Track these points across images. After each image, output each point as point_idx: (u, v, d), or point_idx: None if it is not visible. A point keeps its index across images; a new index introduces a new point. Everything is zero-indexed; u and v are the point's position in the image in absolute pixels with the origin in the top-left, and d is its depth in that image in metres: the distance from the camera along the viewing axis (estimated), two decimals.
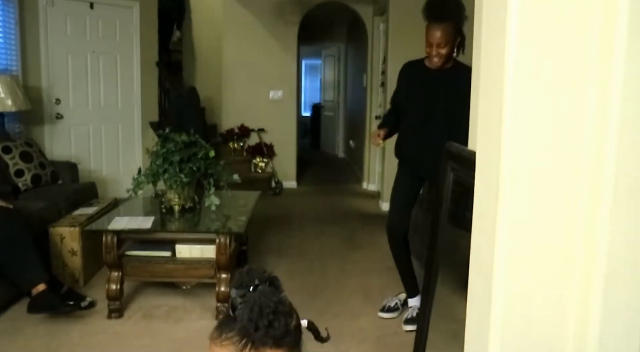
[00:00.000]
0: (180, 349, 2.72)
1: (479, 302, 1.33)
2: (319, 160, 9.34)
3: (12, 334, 2.88)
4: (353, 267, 3.85)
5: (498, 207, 1.21)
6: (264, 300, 0.97)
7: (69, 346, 2.76)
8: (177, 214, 3.32)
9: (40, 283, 2.95)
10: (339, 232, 4.87)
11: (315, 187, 6.98)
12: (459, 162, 1.90)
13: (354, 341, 2.79)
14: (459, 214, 2.40)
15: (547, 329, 1.24)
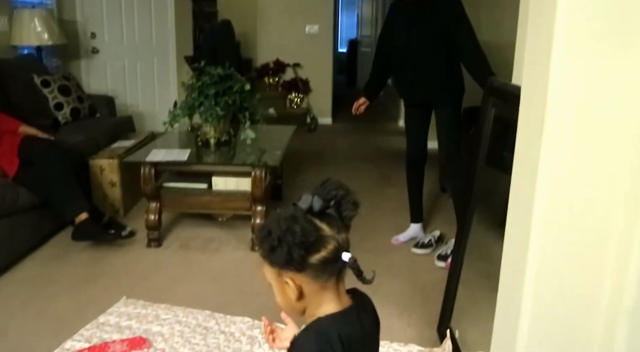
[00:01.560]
0: (216, 278, 2.80)
1: (516, 243, 1.32)
2: (354, 98, 9.20)
3: (59, 260, 3.02)
4: (387, 204, 3.85)
5: (542, 142, 1.18)
6: (275, 225, 0.98)
7: (112, 272, 2.88)
8: (212, 147, 3.35)
9: (83, 212, 3.05)
10: (374, 170, 4.86)
11: (351, 124, 6.93)
12: (502, 98, 1.84)
13: (387, 276, 2.83)
14: (497, 154, 2.36)
15: (585, 269, 1.23)
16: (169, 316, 2.40)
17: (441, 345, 2.18)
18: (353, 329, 1.03)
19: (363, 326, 1.06)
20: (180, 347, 2.16)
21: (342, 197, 1.02)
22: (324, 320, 1.02)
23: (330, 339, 0.99)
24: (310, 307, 1.05)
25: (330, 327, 1.01)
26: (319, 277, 1.00)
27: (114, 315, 2.42)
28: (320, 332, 1.01)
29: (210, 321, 2.36)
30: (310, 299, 1.03)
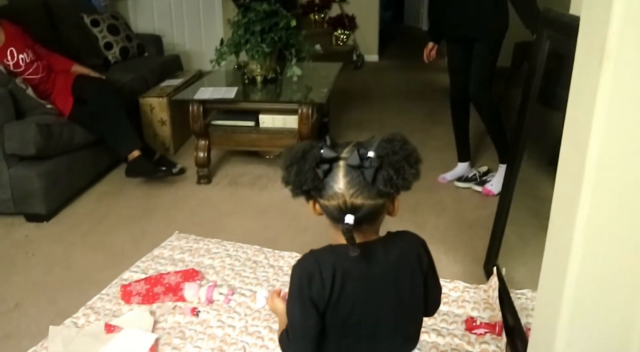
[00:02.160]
0: (265, 214, 2.86)
1: (568, 180, 1.29)
2: (401, 34, 8.97)
3: (114, 195, 3.14)
4: (434, 143, 3.80)
5: (601, 75, 1.12)
6: (287, 157, 1.02)
7: (164, 207, 2.98)
8: (259, 85, 3.35)
9: (135, 150, 3.13)
10: (421, 108, 4.78)
11: (398, 62, 6.77)
12: (558, 29, 1.75)
13: (433, 213, 2.83)
14: (550, 91, 2.27)
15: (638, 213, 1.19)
16: (220, 250, 2.48)
17: (487, 282, 2.19)
18: (353, 266, 0.99)
19: (369, 268, 1.00)
20: (231, 280, 2.24)
21: (379, 167, 0.94)
22: (330, 247, 1.03)
23: (321, 264, 0.98)
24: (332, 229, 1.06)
25: (329, 255, 1.01)
26: (328, 215, 1.01)
27: (167, 248, 2.52)
28: (317, 254, 1.02)
29: (260, 255, 2.43)
30: (328, 223, 1.05)
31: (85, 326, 1.99)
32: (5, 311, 2.14)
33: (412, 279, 1.05)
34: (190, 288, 2.10)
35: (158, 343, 1.88)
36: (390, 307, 1.03)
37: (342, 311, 0.99)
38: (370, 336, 1.03)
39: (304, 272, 0.99)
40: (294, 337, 1.02)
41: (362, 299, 1.00)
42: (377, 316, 1.02)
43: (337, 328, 1.01)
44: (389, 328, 1.04)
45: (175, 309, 2.06)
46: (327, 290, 0.96)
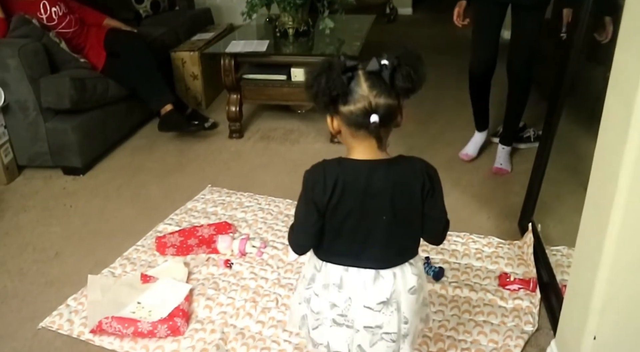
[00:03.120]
0: (296, 168, 2.86)
1: (612, 135, 1.23)
2: None
3: (148, 149, 3.17)
4: (467, 97, 3.70)
5: None
6: (314, 70, 1.08)
7: (197, 161, 3.00)
8: (291, 38, 3.29)
9: (168, 104, 3.14)
10: (455, 62, 4.63)
11: (432, 15, 6.57)
12: None
13: (466, 169, 2.79)
14: (592, 45, 2.16)
15: None
16: (252, 204, 2.50)
17: (522, 238, 2.16)
18: (356, 179, 1.11)
19: (372, 182, 1.11)
20: (264, 233, 2.26)
21: (397, 66, 1.06)
22: (339, 159, 1.14)
23: (326, 175, 1.10)
24: (346, 146, 1.16)
25: (336, 166, 1.12)
26: (350, 126, 1.09)
27: (200, 201, 2.55)
28: (325, 164, 1.13)
29: (292, 209, 2.42)
30: (343, 138, 1.15)
31: (122, 276, 2.04)
32: (46, 259, 2.21)
33: (410, 201, 1.14)
34: (224, 241, 2.12)
35: (192, 293, 1.92)
36: (382, 221, 1.14)
37: (339, 216, 1.12)
38: (361, 242, 1.15)
39: (311, 177, 1.13)
40: (297, 230, 1.19)
41: (357, 209, 1.12)
42: (369, 226, 1.14)
43: (333, 229, 1.14)
44: (380, 239, 1.15)
45: (209, 261, 2.09)
46: (327, 195, 1.10)
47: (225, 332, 1.73)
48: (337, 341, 1.22)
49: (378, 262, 1.17)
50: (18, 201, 2.67)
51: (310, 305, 1.23)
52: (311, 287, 1.22)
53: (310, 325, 1.25)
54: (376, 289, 1.16)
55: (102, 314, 1.76)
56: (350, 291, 1.17)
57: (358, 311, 1.18)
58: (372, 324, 1.19)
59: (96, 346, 1.74)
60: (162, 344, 1.71)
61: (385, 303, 1.17)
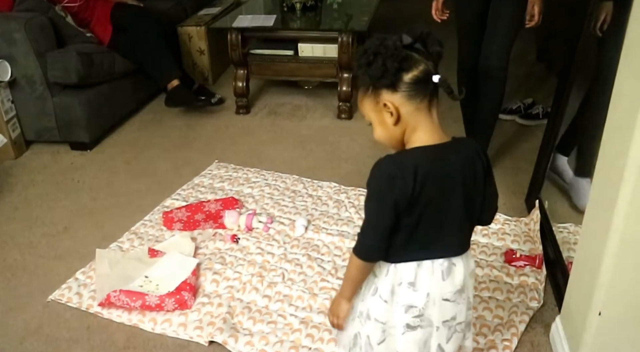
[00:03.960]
0: (304, 143, 2.85)
1: (624, 105, 1.22)
2: None
3: (155, 124, 3.16)
4: None
5: None
6: (370, 44, 1.04)
7: (204, 137, 2.99)
8: (298, 13, 3.26)
9: (174, 79, 3.13)
10: None
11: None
12: None
13: None
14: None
15: None
16: (259, 179, 2.50)
17: (529, 215, 2.15)
18: (433, 165, 1.05)
19: (446, 166, 1.06)
20: (270, 208, 2.27)
21: (427, 34, 1.06)
22: (407, 151, 1.08)
23: (403, 167, 1.03)
24: (406, 135, 1.09)
25: (409, 157, 1.06)
26: (413, 97, 1.04)
27: (207, 177, 2.55)
28: (396, 158, 1.06)
29: (298, 185, 2.44)
30: (406, 122, 1.07)
31: (130, 250, 2.06)
32: (55, 233, 2.22)
33: (475, 181, 1.10)
34: (230, 216, 2.13)
35: (199, 268, 1.93)
36: (456, 206, 1.09)
37: (418, 209, 1.05)
38: (436, 232, 1.09)
39: (386, 173, 1.04)
40: (371, 235, 1.09)
41: (436, 198, 1.06)
42: (444, 214, 1.08)
43: (409, 225, 1.07)
44: (454, 225, 1.10)
45: (216, 236, 2.10)
46: (409, 190, 1.02)
47: (232, 306, 1.75)
48: (410, 348, 1.15)
49: (452, 249, 1.12)
50: (26, 175, 2.68)
51: (374, 317, 1.14)
52: (370, 297, 1.14)
53: (374, 340, 1.16)
54: (452, 278, 1.12)
55: (111, 287, 1.78)
56: (427, 286, 1.10)
57: (437, 306, 1.12)
58: (449, 316, 1.14)
59: (105, 318, 1.76)
60: (170, 317, 1.73)
61: (459, 291, 1.13)
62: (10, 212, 2.39)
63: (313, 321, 1.68)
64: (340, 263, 1.92)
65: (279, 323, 1.68)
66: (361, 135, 2.88)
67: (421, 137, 1.07)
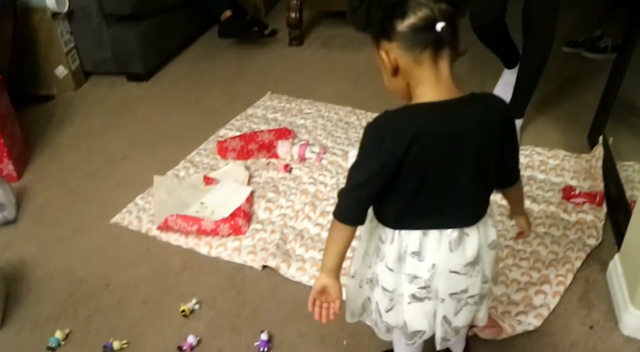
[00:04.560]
0: (357, 76, 2.80)
1: None
2: None
3: (208, 57, 3.17)
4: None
5: None
6: None
7: (256, 68, 2.98)
8: None
9: (227, 9, 3.10)
10: None
11: None
12: None
13: None
14: None
15: None
16: (312, 111, 2.48)
17: (591, 152, 2.07)
18: (434, 124, 0.92)
19: (451, 126, 0.92)
20: (323, 140, 2.26)
21: None
22: (406, 107, 0.94)
23: (397, 125, 0.91)
24: (411, 89, 0.95)
25: (406, 115, 0.92)
26: (411, 49, 0.90)
27: (260, 108, 2.55)
28: (392, 115, 0.92)
29: (352, 117, 2.42)
30: (407, 74, 0.93)
31: (186, 178, 2.11)
32: (115, 161, 2.30)
33: (492, 143, 0.97)
34: (283, 146, 2.14)
35: (253, 195, 1.96)
36: (467, 171, 0.96)
37: (418, 173, 0.93)
38: (443, 199, 0.98)
39: (377, 130, 0.93)
40: (351, 194, 0.98)
41: (439, 162, 0.94)
42: (452, 180, 0.96)
43: (410, 190, 0.96)
44: (465, 193, 0.98)
45: (269, 166, 2.13)
46: (400, 150, 0.90)
47: (285, 233, 1.78)
48: (417, 318, 1.06)
49: (463, 219, 1.00)
50: (86, 106, 2.76)
51: (381, 284, 1.05)
52: (378, 263, 1.05)
53: (382, 307, 1.08)
54: (462, 249, 1.01)
55: (168, 212, 1.84)
56: (433, 257, 1.00)
57: (443, 278, 1.01)
58: (458, 289, 1.03)
59: (163, 241, 1.83)
60: (225, 242, 1.78)
61: (471, 264, 1.02)
62: (72, 141, 2.47)
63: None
64: None
65: None
66: None
67: (424, 92, 0.93)
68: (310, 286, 1.60)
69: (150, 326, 1.54)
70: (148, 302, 1.62)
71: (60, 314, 1.61)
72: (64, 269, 1.77)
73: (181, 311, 1.55)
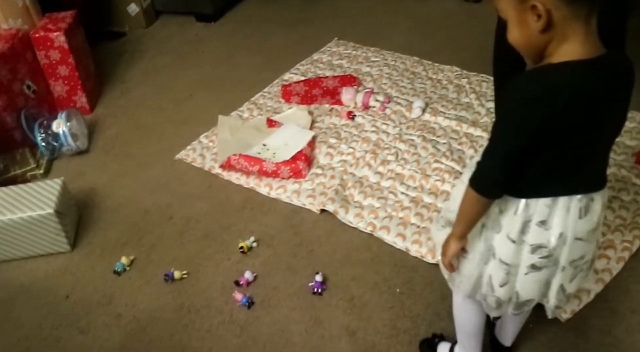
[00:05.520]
0: (425, 26, 2.71)
1: None
2: None
3: (273, 1, 3.14)
4: None
5: None
6: None
7: (323, 14, 2.93)
8: None
9: None
10: None
11: None
12: None
13: None
14: None
15: None
16: (378, 59, 2.44)
17: None
18: (585, 85, 0.83)
19: (599, 85, 0.84)
20: (388, 89, 2.22)
21: None
22: (557, 66, 0.83)
23: (550, 88, 0.82)
24: (551, 46, 0.85)
25: (557, 75, 0.82)
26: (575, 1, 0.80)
27: (326, 54, 2.53)
28: (540, 76, 0.83)
29: (418, 67, 2.36)
30: (556, 31, 0.82)
31: (249, 119, 2.13)
32: (181, 99, 2.34)
33: (625, 104, 0.91)
34: (348, 93, 2.12)
35: (315, 140, 1.97)
36: (605, 134, 0.91)
37: (561, 139, 0.87)
38: (578, 164, 0.91)
39: (525, 95, 0.83)
40: (489, 162, 0.91)
41: (584, 124, 0.86)
42: (591, 144, 0.90)
43: (554, 154, 0.89)
44: (599, 157, 0.94)
45: (332, 112, 2.12)
46: (553, 117, 0.83)
47: (344, 180, 1.79)
48: (530, 287, 1.01)
49: (593, 183, 0.93)
50: (155, 44, 2.80)
51: (499, 256, 0.98)
52: (494, 236, 0.98)
53: (497, 281, 1.01)
54: (590, 216, 0.94)
55: (231, 151, 1.87)
56: (561, 225, 0.93)
57: (568, 246, 0.95)
58: (577, 256, 0.98)
59: (224, 179, 1.88)
60: (285, 184, 1.81)
61: (594, 230, 0.96)
62: (141, 77, 2.53)
63: (423, 201, 1.69)
64: (456, 146, 1.88)
65: (389, 200, 1.70)
66: (488, 19, 2.67)
67: (571, 49, 0.83)
68: (367, 233, 1.63)
69: (210, 260, 1.60)
70: (208, 237, 1.68)
71: (126, 241, 1.69)
72: (131, 199, 1.84)
73: (239, 248, 1.60)
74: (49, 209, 1.57)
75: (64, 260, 1.64)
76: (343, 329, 1.38)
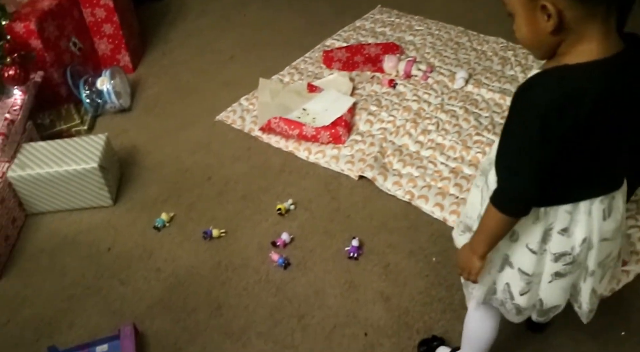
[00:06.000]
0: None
1: None
2: None
3: None
4: None
5: None
6: None
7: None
8: None
9: None
10: None
11: None
12: None
13: None
14: None
15: None
16: (422, 28, 2.39)
17: None
18: (607, 86, 0.77)
19: (620, 85, 0.78)
20: (431, 58, 2.19)
21: None
22: (576, 68, 0.76)
23: (571, 92, 0.75)
24: (565, 45, 0.78)
25: (580, 79, 0.76)
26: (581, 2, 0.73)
27: (369, 21, 2.49)
28: (559, 78, 0.76)
29: (463, 37, 2.31)
30: (569, 32, 0.76)
31: (290, 83, 2.12)
32: (222, 61, 2.35)
33: None
34: (390, 60, 2.09)
35: (355, 107, 1.96)
36: (625, 132, 0.85)
37: (588, 141, 0.82)
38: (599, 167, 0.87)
39: (544, 101, 0.76)
40: (515, 178, 0.84)
41: (606, 126, 0.81)
42: (611, 146, 0.85)
43: (574, 160, 0.84)
44: (619, 158, 0.88)
45: (373, 79, 2.10)
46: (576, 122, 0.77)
47: (384, 147, 1.78)
48: (556, 294, 0.97)
49: (614, 183, 0.89)
50: (198, 5, 2.80)
51: (518, 267, 0.94)
52: (511, 245, 0.93)
53: (516, 290, 0.96)
54: (614, 215, 0.90)
55: (271, 115, 1.88)
56: (584, 230, 0.89)
57: (595, 248, 0.91)
58: (605, 255, 0.93)
59: (264, 142, 1.89)
60: (324, 149, 1.81)
61: (618, 227, 0.92)
62: (184, 38, 2.54)
63: (463, 172, 1.67)
64: (498, 120, 1.85)
65: (429, 169, 1.70)
66: None
67: (588, 50, 0.76)
68: (404, 201, 1.63)
69: (247, 220, 1.62)
70: (246, 198, 1.70)
71: (166, 198, 1.72)
72: (171, 158, 1.87)
73: (277, 209, 1.62)
74: (93, 163, 1.61)
75: (106, 214, 1.69)
76: (378, 294, 1.39)
